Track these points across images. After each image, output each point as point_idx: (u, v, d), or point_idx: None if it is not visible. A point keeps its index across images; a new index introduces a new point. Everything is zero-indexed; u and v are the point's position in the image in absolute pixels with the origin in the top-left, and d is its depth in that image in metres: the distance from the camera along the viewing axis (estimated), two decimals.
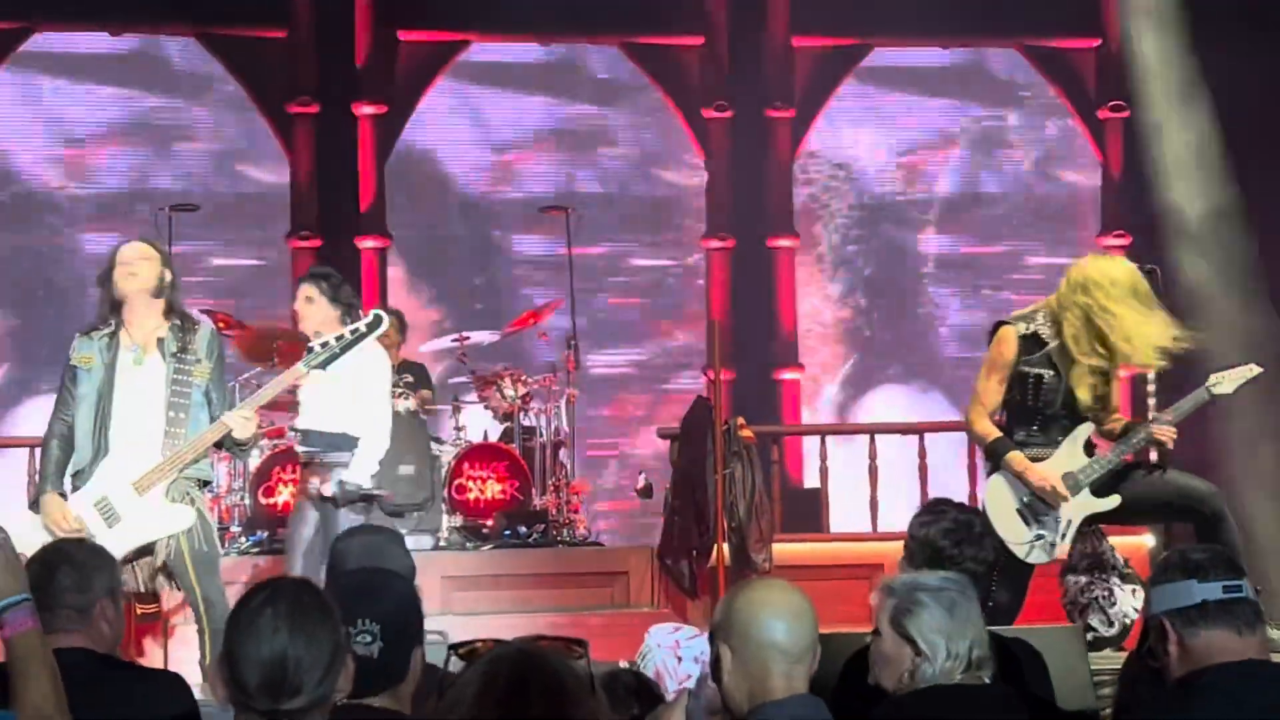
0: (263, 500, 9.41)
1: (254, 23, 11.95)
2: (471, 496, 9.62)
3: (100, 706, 3.65)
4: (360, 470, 7.28)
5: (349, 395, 7.25)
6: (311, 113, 12.13)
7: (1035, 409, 6.71)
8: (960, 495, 7.13)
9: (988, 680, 3.73)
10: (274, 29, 12.04)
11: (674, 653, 4.88)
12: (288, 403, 9.65)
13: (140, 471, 6.33)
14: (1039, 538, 6.65)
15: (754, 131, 12.59)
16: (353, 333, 6.63)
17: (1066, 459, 6.69)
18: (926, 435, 10.29)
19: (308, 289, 7.50)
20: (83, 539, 4.33)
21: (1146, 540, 9.26)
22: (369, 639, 3.59)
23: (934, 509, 5.01)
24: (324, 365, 6.65)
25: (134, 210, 11.59)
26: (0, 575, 3.39)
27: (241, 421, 6.47)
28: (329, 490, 7.20)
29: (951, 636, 3.65)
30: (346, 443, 7.30)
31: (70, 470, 6.46)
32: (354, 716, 3.20)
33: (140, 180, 11.89)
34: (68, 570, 4.05)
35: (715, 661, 3.18)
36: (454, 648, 3.05)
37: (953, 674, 3.64)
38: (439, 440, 9.93)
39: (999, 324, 6.83)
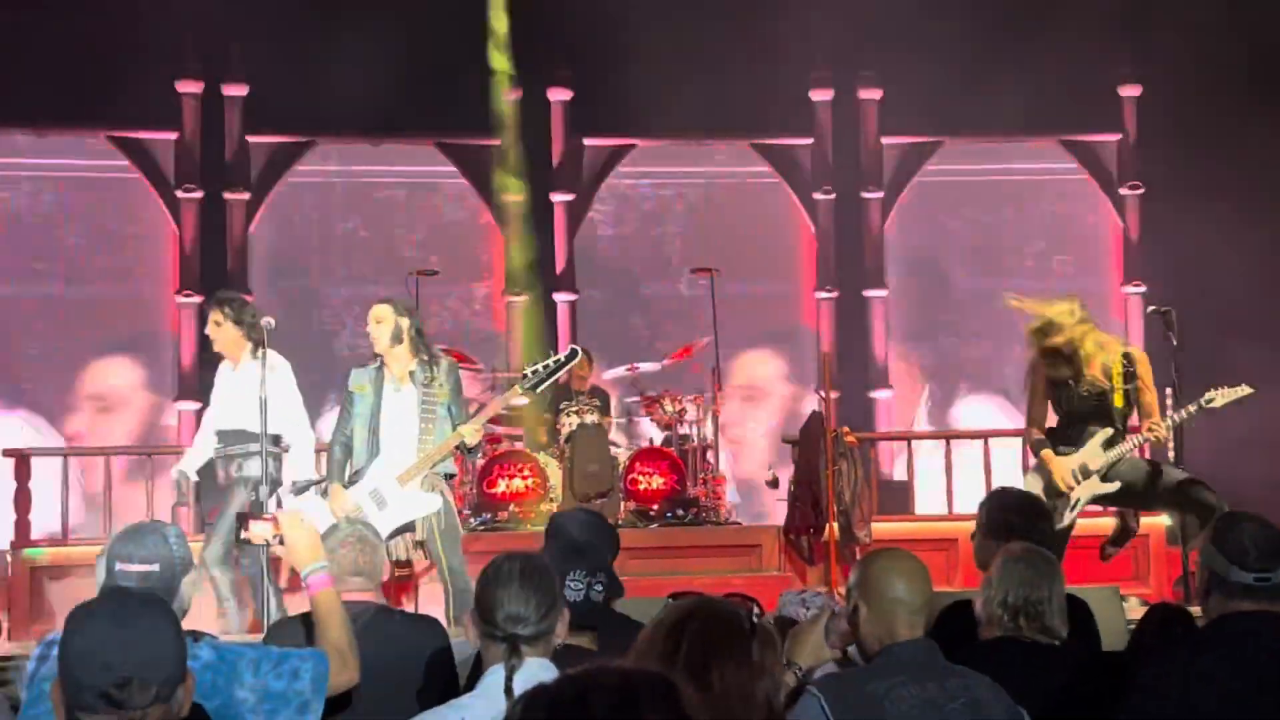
0: (486, 490, 9.43)
1: (477, 133, 12.09)
2: (641, 487, 9.61)
3: (383, 641, 3.75)
4: (305, 466, 6.82)
5: (252, 401, 6.58)
6: (519, 200, 12.26)
7: (1066, 415, 6.68)
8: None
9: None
10: (491, 138, 12.20)
11: (801, 606, 4.88)
12: (504, 417, 9.78)
13: (401, 469, 6.44)
14: (1053, 509, 6.58)
15: (852, 208, 12.53)
16: (555, 361, 6.61)
17: (1085, 454, 6.64)
18: (990, 440, 10.15)
19: (215, 314, 6.83)
20: (369, 524, 4.37)
21: (1164, 519, 9.08)
22: (580, 587, 3.63)
23: (1002, 493, 4.94)
24: (535, 387, 6.68)
25: (386, 275, 11.80)
26: (306, 548, 3.47)
27: (472, 432, 6.56)
28: (288, 489, 6.65)
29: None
30: (248, 437, 6.75)
31: (351, 470, 6.57)
32: (568, 656, 3.24)
33: (393, 252, 12.08)
34: (370, 547, 4.15)
35: (854, 612, 3.15)
36: (672, 596, 3.08)
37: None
38: (616, 445, 9.96)
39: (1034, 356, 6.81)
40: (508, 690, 2.88)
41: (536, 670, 2.91)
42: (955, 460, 10.09)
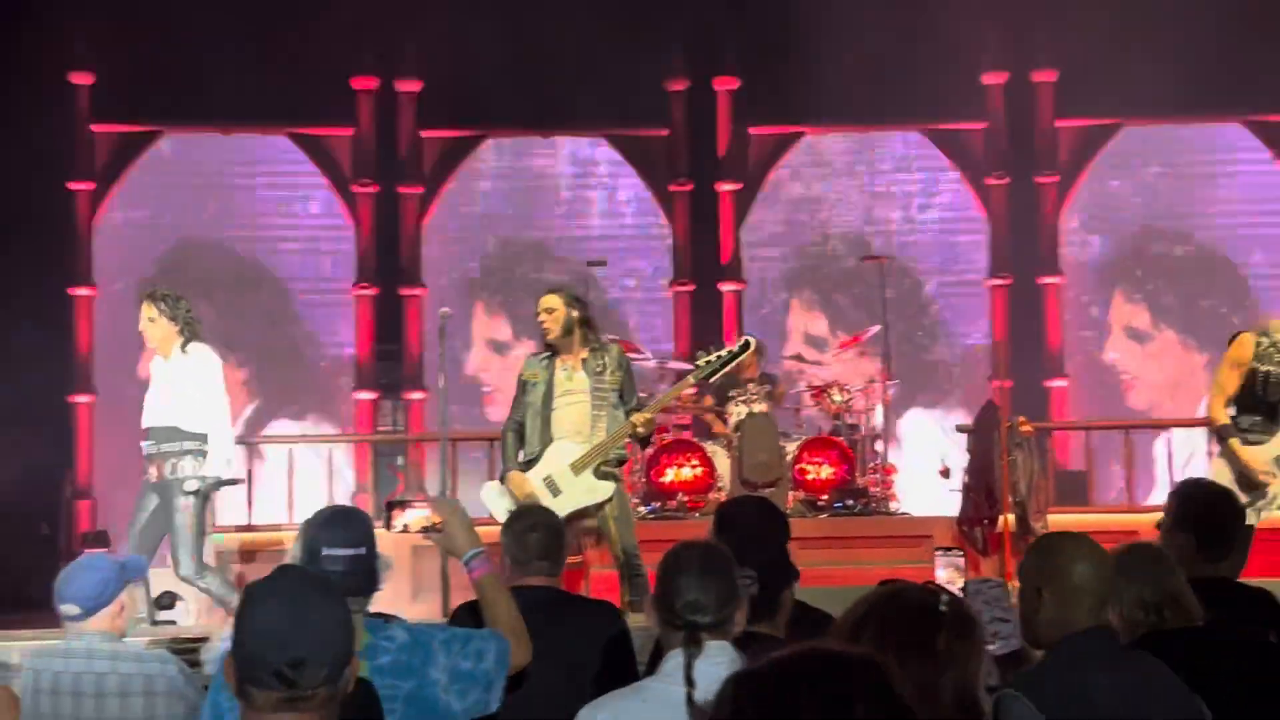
0: (654, 479, 9.44)
1: (645, 125, 12.18)
2: (810, 477, 9.53)
3: (561, 627, 3.78)
4: (217, 463, 6.38)
5: (182, 397, 6.39)
6: (686, 190, 12.29)
7: (1261, 401, 6.40)
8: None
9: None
10: (659, 129, 12.25)
11: (978, 595, 4.80)
12: (677, 407, 9.80)
13: (575, 456, 6.47)
14: (1248, 504, 6.34)
15: (1026, 194, 12.29)
16: (729, 353, 6.57)
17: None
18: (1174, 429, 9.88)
19: (148, 309, 6.46)
20: (551, 510, 4.37)
21: None
22: (749, 582, 3.64)
23: (1193, 485, 4.78)
24: (708, 378, 6.67)
25: (556, 265, 11.93)
26: (465, 534, 3.49)
27: (644, 421, 6.58)
28: (191, 486, 6.26)
29: None
30: (181, 435, 6.42)
31: (524, 457, 6.61)
32: (754, 643, 3.25)
33: (563, 242, 12.21)
34: (556, 534, 4.11)
35: (1035, 596, 3.05)
36: (882, 584, 3.07)
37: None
38: (786, 434, 9.91)
39: (1238, 332, 6.55)
40: (688, 679, 2.89)
41: (718, 655, 2.92)
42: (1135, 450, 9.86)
